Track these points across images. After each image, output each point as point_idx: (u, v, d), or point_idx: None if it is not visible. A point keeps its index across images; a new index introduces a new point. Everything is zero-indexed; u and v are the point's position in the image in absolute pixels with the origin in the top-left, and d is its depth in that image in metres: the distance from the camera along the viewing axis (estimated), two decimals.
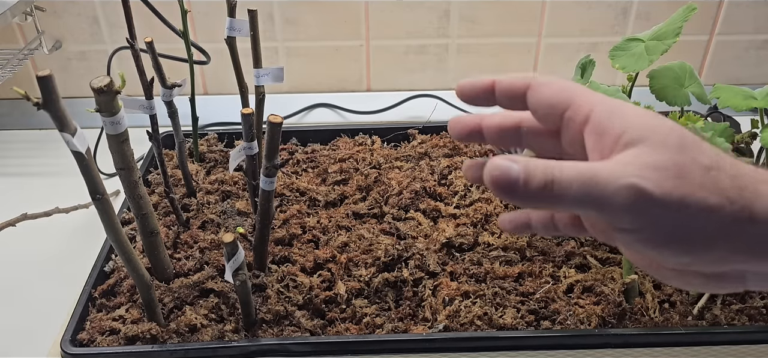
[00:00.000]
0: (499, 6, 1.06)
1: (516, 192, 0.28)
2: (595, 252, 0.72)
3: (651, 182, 0.28)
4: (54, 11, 1.04)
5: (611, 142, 0.30)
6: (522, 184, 0.28)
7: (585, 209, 0.29)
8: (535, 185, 0.28)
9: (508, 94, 0.35)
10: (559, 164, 0.28)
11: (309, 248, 0.75)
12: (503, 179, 0.28)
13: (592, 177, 0.28)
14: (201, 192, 0.84)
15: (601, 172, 0.28)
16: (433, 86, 1.12)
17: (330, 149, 0.93)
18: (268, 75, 0.78)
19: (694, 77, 0.68)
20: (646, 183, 0.28)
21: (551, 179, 0.28)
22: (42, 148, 1.03)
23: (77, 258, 0.75)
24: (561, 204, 0.29)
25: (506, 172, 0.28)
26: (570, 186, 0.28)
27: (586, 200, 0.28)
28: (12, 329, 0.71)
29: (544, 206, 0.29)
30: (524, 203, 0.29)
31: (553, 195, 0.28)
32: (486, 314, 0.65)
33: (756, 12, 1.07)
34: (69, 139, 0.51)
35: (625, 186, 0.28)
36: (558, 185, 0.28)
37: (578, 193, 0.28)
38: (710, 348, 0.63)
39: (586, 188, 0.28)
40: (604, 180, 0.28)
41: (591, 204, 0.28)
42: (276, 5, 1.06)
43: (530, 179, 0.28)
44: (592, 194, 0.28)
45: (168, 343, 0.63)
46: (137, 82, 0.70)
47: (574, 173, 0.28)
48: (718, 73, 1.13)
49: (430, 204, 0.80)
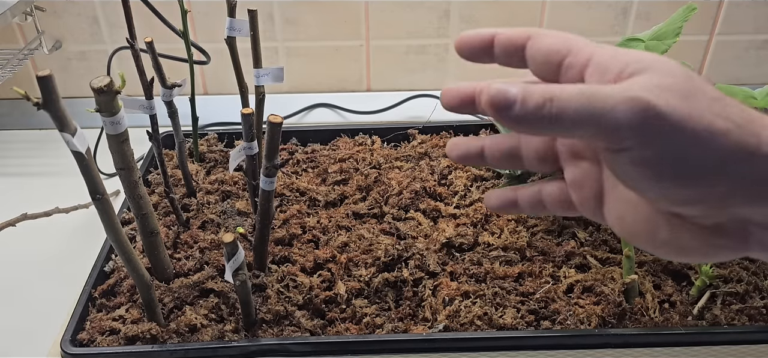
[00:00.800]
0: (499, 6, 1.06)
1: (512, 111, 0.27)
2: (595, 252, 0.72)
3: (658, 97, 0.26)
4: (54, 11, 1.04)
5: (614, 77, 0.29)
6: (519, 102, 0.27)
7: (585, 127, 0.27)
8: (533, 103, 0.27)
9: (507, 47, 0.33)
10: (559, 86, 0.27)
11: (309, 248, 0.75)
12: (500, 98, 0.27)
13: (594, 92, 0.27)
14: (201, 192, 0.84)
15: (604, 89, 0.27)
16: (433, 86, 1.12)
17: (330, 149, 0.93)
18: (268, 75, 0.78)
19: None
20: (653, 96, 0.26)
21: (550, 97, 0.27)
22: (42, 148, 1.03)
23: (77, 258, 0.75)
24: (559, 124, 0.27)
25: (503, 92, 0.27)
26: (569, 102, 0.26)
27: (586, 116, 0.26)
28: (12, 329, 0.71)
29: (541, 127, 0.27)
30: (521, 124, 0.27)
31: (552, 114, 0.27)
32: (486, 314, 0.65)
33: (756, 12, 1.07)
34: (69, 139, 0.51)
35: (630, 98, 0.26)
36: (557, 102, 0.27)
37: (578, 108, 0.26)
38: (710, 348, 0.63)
39: (588, 101, 0.26)
40: (607, 94, 0.26)
41: (592, 121, 0.26)
42: (276, 5, 1.06)
43: (528, 98, 0.27)
44: (594, 107, 0.26)
45: (168, 343, 0.63)
46: (137, 82, 0.70)
47: (575, 90, 0.27)
48: (718, 73, 1.13)
49: (430, 204, 0.80)
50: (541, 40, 0.32)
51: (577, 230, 0.75)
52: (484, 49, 0.34)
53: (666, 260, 0.71)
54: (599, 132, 0.27)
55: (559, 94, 0.27)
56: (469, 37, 0.34)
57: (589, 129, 0.27)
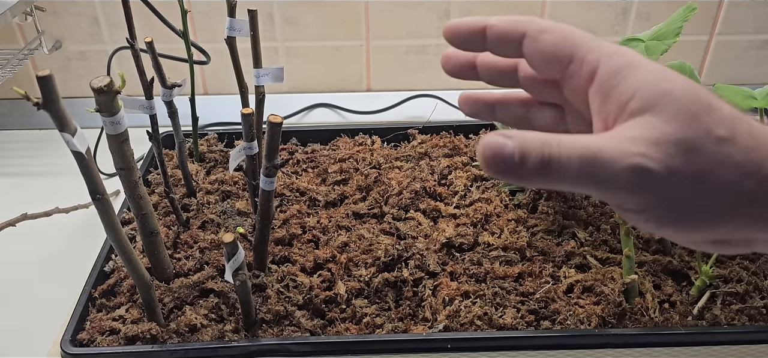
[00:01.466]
0: (499, 6, 1.06)
1: (510, 171, 0.26)
2: (595, 252, 0.72)
3: (657, 161, 0.26)
4: (54, 11, 1.04)
5: (617, 109, 0.28)
6: (517, 162, 0.26)
7: (587, 189, 0.27)
8: (531, 164, 0.26)
9: (502, 38, 0.32)
10: (556, 139, 0.26)
11: (309, 248, 0.75)
12: (496, 158, 0.26)
13: (593, 156, 0.26)
14: (201, 192, 0.84)
15: (604, 151, 0.26)
16: (433, 86, 1.12)
17: (330, 149, 0.93)
18: (268, 75, 0.78)
19: (694, 77, 0.68)
20: (652, 164, 0.26)
21: (548, 157, 0.26)
22: (42, 148, 1.03)
23: (77, 258, 0.75)
24: (561, 183, 0.26)
25: (499, 151, 0.26)
26: (570, 165, 0.26)
27: (587, 180, 0.26)
28: (12, 329, 0.71)
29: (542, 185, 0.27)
30: (521, 182, 0.27)
31: (551, 174, 0.26)
32: (486, 314, 0.65)
33: (756, 12, 1.07)
34: (69, 139, 0.51)
35: (629, 167, 0.26)
36: (557, 164, 0.26)
37: (579, 173, 0.26)
38: (710, 348, 0.62)
39: (588, 167, 0.26)
40: (607, 159, 0.26)
41: (593, 185, 0.26)
42: (276, 5, 1.06)
43: (526, 157, 0.26)
44: (595, 174, 0.26)
45: (168, 343, 0.63)
46: (137, 82, 0.70)
47: (573, 151, 0.26)
48: (718, 73, 1.13)
49: (430, 204, 0.80)
50: (540, 41, 0.30)
51: (577, 230, 0.75)
52: (474, 38, 0.33)
53: (666, 259, 0.71)
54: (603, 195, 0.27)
55: (557, 155, 0.26)
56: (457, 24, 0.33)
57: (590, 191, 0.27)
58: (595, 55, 0.29)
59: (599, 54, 0.29)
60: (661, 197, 0.26)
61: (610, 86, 0.28)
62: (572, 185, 0.26)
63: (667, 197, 0.26)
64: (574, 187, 0.27)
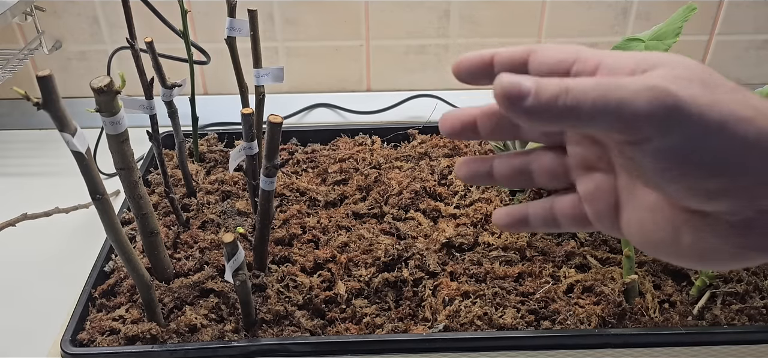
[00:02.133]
0: (499, 6, 1.06)
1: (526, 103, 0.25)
2: (595, 252, 0.72)
3: (678, 85, 0.25)
4: (54, 11, 1.04)
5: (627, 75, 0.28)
6: (533, 93, 0.25)
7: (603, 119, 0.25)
8: (548, 94, 0.25)
9: (509, 64, 0.32)
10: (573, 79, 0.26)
11: (309, 248, 0.75)
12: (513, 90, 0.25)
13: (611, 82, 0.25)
14: (201, 192, 0.84)
15: (622, 80, 0.26)
16: (433, 86, 1.12)
17: (330, 149, 0.93)
18: (268, 75, 0.78)
19: None
20: (672, 85, 0.25)
21: (566, 88, 0.25)
22: (42, 148, 1.03)
23: (77, 258, 0.75)
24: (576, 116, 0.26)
25: (517, 84, 0.25)
26: (587, 92, 0.25)
27: (604, 106, 0.25)
28: (12, 329, 0.71)
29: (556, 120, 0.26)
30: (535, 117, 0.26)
31: (567, 105, 0.25)
32: (486, 314, 0.65)
33: (756, 12, 1.07)
34: (69, 139, 0.51)
35: (650, 86, 0.25)
36: (574, 92, 0.25)
37: (596, 98, 0.25)
38: (710, 348, 0.63)
39: (606, 91, 0.25)
40: (626, 84, 0.25)
41: (610, 111, 0.25)
42: (276, 5, 1.06)
43: (542, 89, 0.25)
44: (612, 97, 0.25)
45: (168, 343, 0.63)
46: (137, 82, 0.70)
47: (591, 82, 0.26)
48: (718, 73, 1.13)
49: (430, 204, 0.80)
50: (545, 52, 0.31)
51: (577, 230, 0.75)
52: (484, 70, 0.33)
53: (666, 260, 0.71)
54: (619, 123, 0.26)
55: (574, 85, 0.25)
56: (467, 59, 0.33)
57: (608, 120, 0.26)
58: (596, 57, 0.30)
59: (600, 56, 0.30)
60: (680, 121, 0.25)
61: (617, 66, 0.29)
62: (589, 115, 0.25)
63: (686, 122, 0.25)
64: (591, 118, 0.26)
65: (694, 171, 0.26)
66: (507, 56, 0.32)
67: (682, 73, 0.27)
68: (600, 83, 0.25)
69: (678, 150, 0.26)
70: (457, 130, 0.35)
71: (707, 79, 0.27)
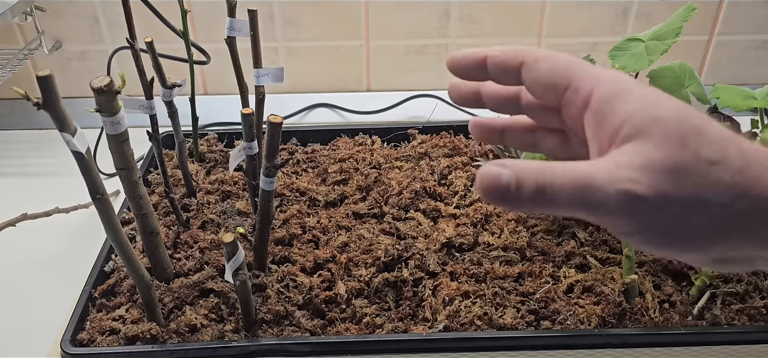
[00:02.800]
0: (499, 6, 1.06)
1: (507, 198, 0.27)
2: (595, 252, 0.72)
3: (646, 186, 0.27)
4: (54, 11, 1.04)
5: (610, 135, 0.29)
6: (513, 190, 0.27)
7: (581, 213, 0.28)
8: (526, 192, 0.27)
9: (500, 69, 0.33)
10: (551, 167, 0.27)
11: (309, 248, 0.75)
12: (493, 187, 0.27)
13: (585, 182, 0.27)
14: (201, 192, 0.84)
15: (596, 176, 0.27)
16: (433, 86, 1.12)
17: (330, 149, 0.93)
18: (268, 75, 0.78)
19: (694, 77, 0.68)
20: (640, 188, 0.27)
21: (542, 185, 0.27)
22: (42, 148, 1.03)
23: (77, 258, 0.75)
24: (552, 209, 0.28)
25: (496, 180, 0.27)
26: (563, 191, 0.27)
27: (579, 204, 0.27)
28: (12, 329, 0.71)
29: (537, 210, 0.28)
30: (518, 208, 0.28)
31: (545, 200, 0.27)
32: (486, 314, 0.65)
33: (756, 12, 1.07)
34: (69, 139, 0.51)
35: (619, 192, 0.27)
36: (550, 191, 0.27)
37: (571, 198, 0.27)
38: (710, 348, 0.63)
39: (580, 193, 0.27)
40: (598, 184, 0.27)
41: (586, 209, 0.27)
42: (276, 5, 1.06)
43: (521, 186, 0.27)
44: (586, 199, 0.27)
45: (168, 343, 0.63)
46: (137, 82, 0.70)
47: (566, 178, 0.27)
48: (718, 73, 1.13)
49: (430, 204, 0.80)
50: (537, 68, 0.32)
51: (577, 230, 0.75)
52: (476, 68, 0.34)
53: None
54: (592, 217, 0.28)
55: (551, 182, 0.27)
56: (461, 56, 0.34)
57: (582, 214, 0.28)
58: (589, 83, 0.30)
59: (594, 82, 0.30)
60: (652, 220, 0.27)
61: (603, 114, 0.29)
62: (566, 209, 0.28)
63: (658, 220, 0.27)
64: (568, 211, 0.28)
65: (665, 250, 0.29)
66: (500, 60, 0.33)
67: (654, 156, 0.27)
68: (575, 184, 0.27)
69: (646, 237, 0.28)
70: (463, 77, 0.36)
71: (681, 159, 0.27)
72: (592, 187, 0.27)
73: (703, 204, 0.27)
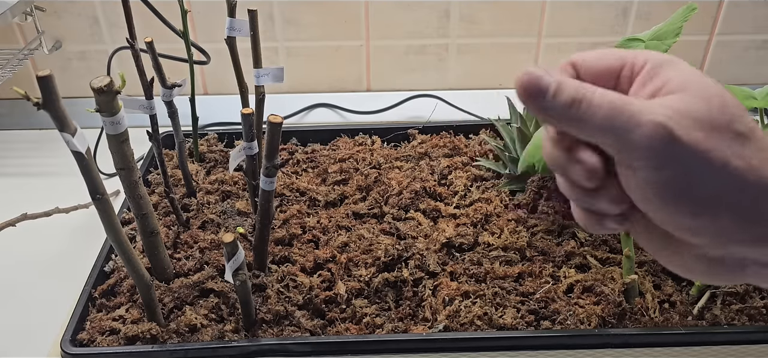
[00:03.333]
0: (499, 6, 1.06)
1: (542, 101, 0.27)
2: (595, 252, 0.72)
3: (680, 126, 0.27)
4: (54, 11, 1.04)
5: (657, 86, 0.29)
6: (551, 94, 0.27)
7: (606, 137, 0.28)
8: (563, 99, 0.27)
9: None
10: (591, 87, 0.27)
11: (309, 248, 0.75)
12: (533, 86, 0.27)
13: (621, 105, 0.27)
14: (201, 192, 0.84)
15: (634, 103, 0.27)
16: (433, 86, 1.12)
17: (330, 149, 0.93)
18: (268, 75, 0.78)
19: None
20: (675, 125, 0.27)
21: (581, 98, 0.27)
22: (42, 148, 1.03)
23: (77, 258, 0.75)
24: (584, 126, 0.27)
25: (537, 81, 0.27)
26: (598, 110, 0.27)
27: (609, 127, 0.27)
28: (12, 329, 0.71)
29: (566, 124, 0.28)
30: (547, 115, 0.28)
31: (578, 115, 0.27)
32: (486, 314, 0.65)
33: (756, 12, 1.07)
34: (69, 139, 0.51)
35: (653, 122, 0.27)
36: (586, 105, 0.27)
37: (604, 118, 0.27)
38: (710, 348, 0.63)
39: (614, 115, 0.27)
40: (634, 110, 0.27)
41: (613, 133, 0.27)
42: (276, 5, 1.06)
43: (560, 92, 0.27)
44: (617, 122, 0.27)
45: (168, 343, 0.63)
46: (137, 82, 0.70)
47: (605, 99, 0.27)
48: (718, 73, 1.13)
49: (430, 204, 0.80)
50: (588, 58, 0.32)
51: (577, 230, 0.75)
52: None
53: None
54: (617, 144, 0.28)
55: (590, 98, 0.27)
56: None
57: (609, 140, 0.28)
58: (643, 57, 0.31)
59: (646, 55, 0.31)
60: (673, 163, 0.27)
61: (652, 75, 0.30)
62: (595, 129, 0.27)
63: (677, 167, 0.27)
64: (596, 132, 0.27)
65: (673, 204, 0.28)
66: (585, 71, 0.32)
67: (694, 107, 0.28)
68: (613, 105, 0.27)
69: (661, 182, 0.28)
70: None
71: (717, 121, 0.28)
72: (628, 112, 0.27)
73: (723, 164, 0.27)
